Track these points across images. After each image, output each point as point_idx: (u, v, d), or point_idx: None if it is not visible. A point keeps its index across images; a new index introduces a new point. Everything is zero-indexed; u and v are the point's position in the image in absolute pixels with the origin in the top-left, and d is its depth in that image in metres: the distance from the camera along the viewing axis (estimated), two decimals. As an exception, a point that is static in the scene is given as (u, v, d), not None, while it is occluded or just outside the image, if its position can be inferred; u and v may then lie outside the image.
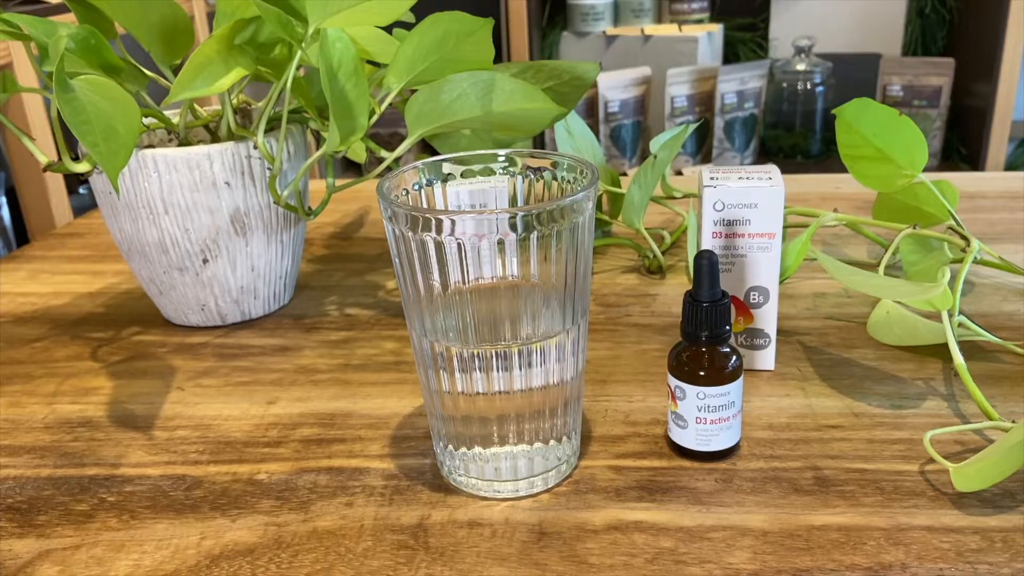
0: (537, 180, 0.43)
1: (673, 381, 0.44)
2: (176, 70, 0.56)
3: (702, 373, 0.43)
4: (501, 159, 0.43)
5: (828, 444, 0.46)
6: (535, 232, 0.37)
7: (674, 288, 0.66)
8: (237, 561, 0.39)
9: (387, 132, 2.02)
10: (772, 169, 0.51)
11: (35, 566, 0.39)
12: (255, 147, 0.56)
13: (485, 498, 0.42)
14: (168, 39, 0.57)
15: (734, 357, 0.43)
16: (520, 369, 0.40)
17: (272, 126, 0.59)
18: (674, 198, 0.75)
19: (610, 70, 1.91)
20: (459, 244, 0.37)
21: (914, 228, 0.61)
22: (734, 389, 0.43)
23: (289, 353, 0.58)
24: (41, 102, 1.22)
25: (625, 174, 1.44)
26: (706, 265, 0.42)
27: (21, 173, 1.25)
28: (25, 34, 0.52)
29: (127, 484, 0.45)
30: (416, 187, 0.42)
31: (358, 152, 0.64)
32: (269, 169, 0.58)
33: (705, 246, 0.50)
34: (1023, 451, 0.39)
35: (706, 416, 0.43)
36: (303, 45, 0.52)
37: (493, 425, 0.41)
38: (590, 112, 1.94)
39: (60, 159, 0.51)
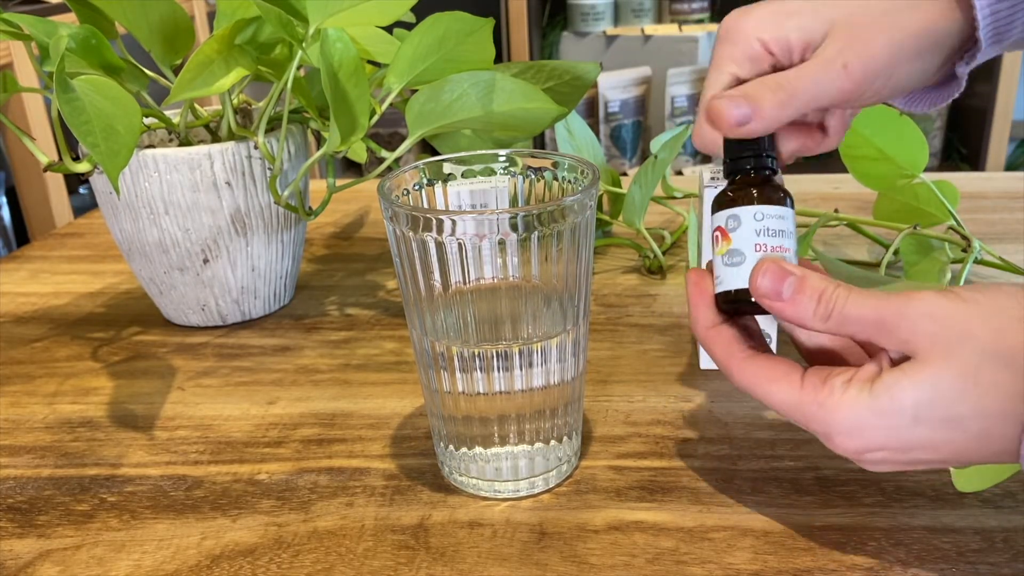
0: (538, 180, 0.43)
1: (723, 215, 0.38)
2: (176, 70, 0.56)
3: (756, 192, 0.37)
4: (502, 159, 0.43)
5: (829, 444, 0.46)
6: (536, 232, 0.37)
7: (675, 288, 0.66)
8: (238, 561, 0.39)
9: (387, 132, 2.03)
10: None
11: (36, 566, 0.39)
12: (256, 147, 0.56)
13: (486, 498, 0.42)
14: (168, 39, 0.57)
15: (784, 192, 0.38)
16: (521, 369, 0.40)
17: (273, 126, 0.59)
18: (674, 198, 0.75)
19: (610, 70, 1.92)
20: (460, 244, 0.37)
21: (914, 228, 0.61)
22: (789, 217, 0.37)
23: (289, 353, 0.58)
24: (41, 102, 1.22)
25: (625, 174, 1.44)
26: None
27: (21, 173, 1.25)
28: (25, 34, 0.52)
29: (128, 484, 0.45)
30: (417, 187, 0.42)
31: (358, 152, 0.64)
32: (270, 169, 0.58)
33: (706, 246, 0.50)
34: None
35: (766, 242, 0.37)
36: (303, 45, 0.52)
37: (494, 425, 0.41)
38: (590, 112, 1.94)
39: (60, 159, 0.51)
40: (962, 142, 1.92)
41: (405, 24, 0.60)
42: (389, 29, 0.59)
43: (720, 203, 0.38)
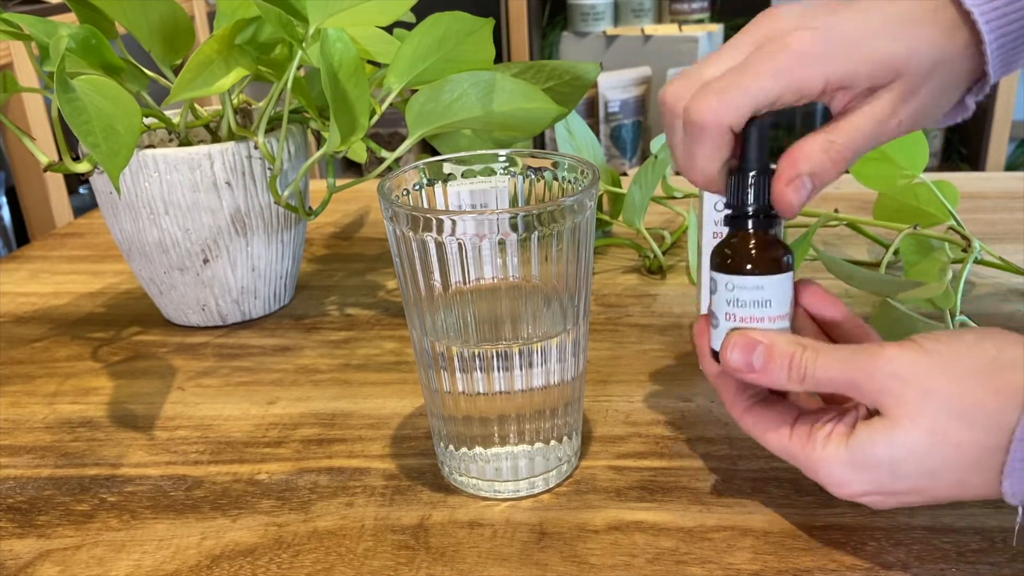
0: (538, 180, 0.43)
1: (709, 275, 0.38)
2: (176, 70, 0.56)
3: (730, 261, 0.36)
4: (502, 159, 0.43)
5: (829, 444, 0.45)
6: (536, 232, 0.37)
7: (674, 288, 0.66)
8: (238, 561, 0.39)
9: (387, 132, 2.03)
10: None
11: (36, 566, 0.39)
12: (256, 147, 0.56)
13: (486, 498, 0.42)
14: (168, 39, 0.57)
15: (780, 249, 0.36)
16: (521, 369, 0.40)
17: (273, 126, 0.59)
18: (674, 198, 0.75)
19: (610, 70, 1.92)
20: (460, 244, 0.37)
21: (915, 228, 0.61)
22: (771, 285, 0.36)
23: (289, 353, 0.58)
24: (41, 102, 1.22)
25: (625, 174, 1.44)
26: (756, 132, 0.36)
27: (21, 173, 1.25)
28: (25, 34, 0.52)
29: (128, 484, 0.45)
30: (417, 187, 0.42)
31: (358, 152, 0.64)
32: (270, 169, 0.58)
33: (706, 247, 0.50)
34: None
35: (735, 312, 0.36)
36: (303, 45, 0.52)
37: (494, 425, 0.41)
38: (590, 112, 1.94)
39: (60, 159, 0.51)
40: (962, 142, 1.92)
41: (405, 24, 0.60)
42: (389, 29, 0.59)
43: (713, 257, 0.38)
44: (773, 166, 0.37)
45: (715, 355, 0.38)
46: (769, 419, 0.37)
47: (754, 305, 0.36)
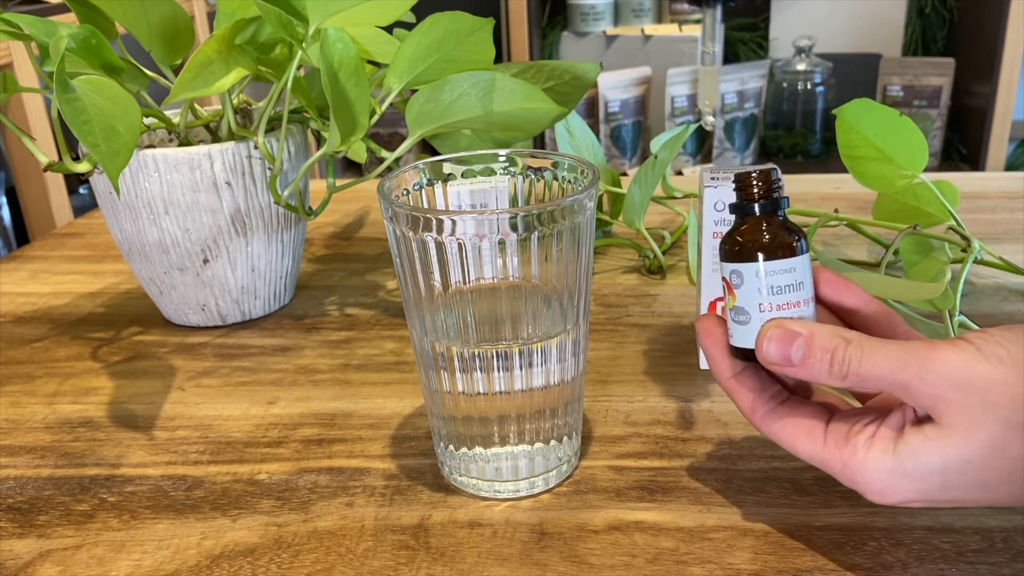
0: (538, 180, 0.43)
1: (728, 268, 0.36)
2: (177, 70, 0.56)
3: (761, 245, 0.35)
4: (502, 159, 0.43)
5: (829, 444, 0.45)
6: (536, 232, 0.37)
7: (674, 288, 0.66)
8: (238, 561, 0.39)
9: (387, 132, 2.02)
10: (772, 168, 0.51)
11: (36, 566, 0.39)
12: (256, 147, 0.56)
13: (486, 498, 0.42)
14: (168, 39, 0.57)
15: (796, 234, 0.35)
16: (521, 369, 0.40)
17: (273, 126, 0.59)
18: (674, 198, 0.75)
19: (610, 70, 1.91)
20: (460, 244, 0.37)
21: (914, 228, 0.61)
22: (800, 266, 0.35)
23: (289, 353, 0.58)
24: (41, 102, 1.22)
25: (625, 174, 1.44)
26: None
27: (21, 173, 1.25)
28: (25, 34, 0.52)
29: (128, 484, 0.45)
30: (417, 187, 0.42)
31: (358, 152, 0.64)
32: (270, 169, 0.58)
33: (706, 246, 0.50)
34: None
35: (771, 301, 0.35)
36: (304, 45, 0.52)
37: (494, 425, 0.41)
38: (590, 112, 1.94)
39: (60, 159, 0.51)
40: (962, 142, 1.92)
41: (405, 24, 0.60)
42: (389, 29, 0.59)
43: (726, 248, 0.36)
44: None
45: (740, 353, 0.36)
46: (799, 422, 0.35)
47: (789, 290, 0.35)
